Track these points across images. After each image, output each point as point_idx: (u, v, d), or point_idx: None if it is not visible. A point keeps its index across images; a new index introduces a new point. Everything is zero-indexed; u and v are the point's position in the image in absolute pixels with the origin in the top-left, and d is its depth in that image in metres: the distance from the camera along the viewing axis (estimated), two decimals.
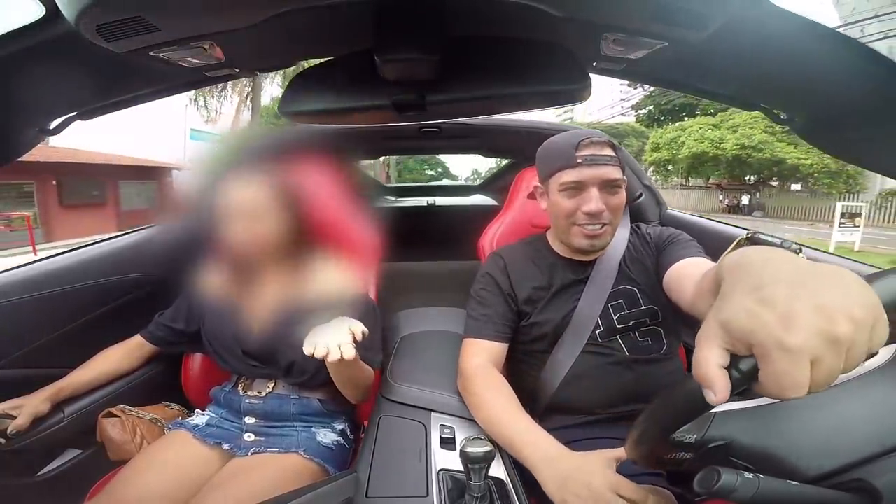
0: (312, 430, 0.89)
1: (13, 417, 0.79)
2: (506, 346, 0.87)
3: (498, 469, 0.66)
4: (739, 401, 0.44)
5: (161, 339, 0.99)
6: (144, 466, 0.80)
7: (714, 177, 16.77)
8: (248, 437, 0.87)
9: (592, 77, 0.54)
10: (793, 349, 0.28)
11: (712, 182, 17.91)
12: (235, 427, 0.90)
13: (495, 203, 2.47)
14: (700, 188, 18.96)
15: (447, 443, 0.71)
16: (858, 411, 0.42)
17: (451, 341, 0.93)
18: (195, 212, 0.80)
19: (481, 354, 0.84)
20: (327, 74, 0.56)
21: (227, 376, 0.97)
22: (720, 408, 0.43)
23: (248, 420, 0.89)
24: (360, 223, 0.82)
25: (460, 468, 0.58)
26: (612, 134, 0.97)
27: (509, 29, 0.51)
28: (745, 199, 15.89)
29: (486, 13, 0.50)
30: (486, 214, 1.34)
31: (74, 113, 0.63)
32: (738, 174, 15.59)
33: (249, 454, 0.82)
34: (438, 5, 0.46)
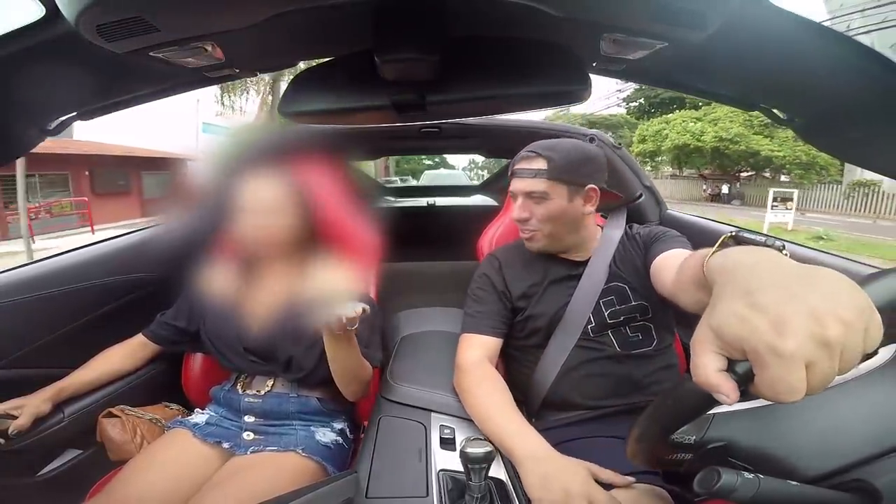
0: (311, 428, 0.90)
1: (14, 417, 0.79)
2: (500, 342, 0.90)
3: (498, 469, 0.66)
4: (738, 401, 0.44)
5: (164, 338, 0.99)
6: (144, 465, 0.80)
7: (700, 167, 17.61)
8: (248, 435, 0.87)
9: (592, 76, 0.54)
10: (786, 355, 0.28)
11: (698, 172, 18.74)
12: (235, 426, 0.90)
13: (495, 203, 2.47)
14: (688, 178, 19.57)
15: (447, 443, 0.71)
16: (858, 412, 0.42)
17: (451, 341, 0.93)
18: (204, 204, 0.81)
19: (477, 349, 0.86)
20: (327, 74, 0.56)
21: (226, 376, 0.97)
22: (719, 409, 0.43)
23: (248, 419, 0.89)
24: (362, 223, 0.82)
25: (460, 468, 0.58)
26: (606, 125, 1.00)
27: (509, 29, 0.51)
28: (724, 188, 16.72)
29: (486, 13, 0.50)
30: (486, 215, 1.34)
31: (74, 113, 0.63)
32: (720, 165, 16.44)
33: (249, 453, 0.83)
34: (438, 5, 0.46)
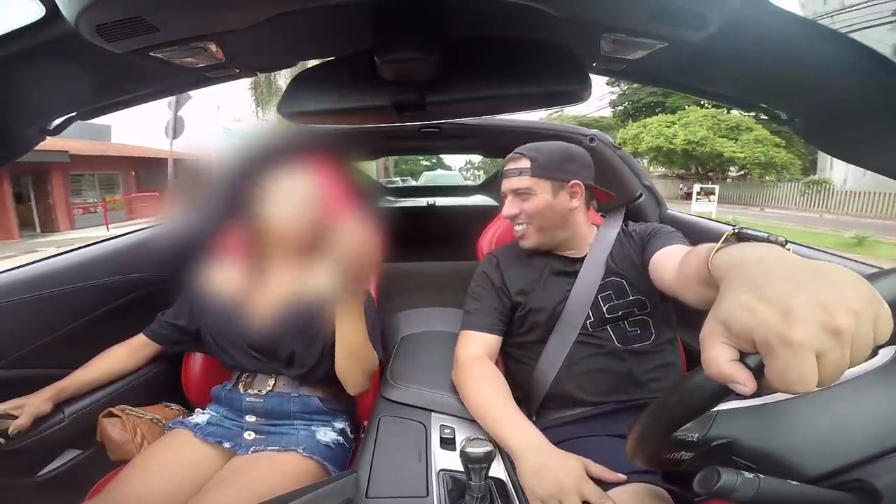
0: (312, 428, 0.89)
1: (14, 417, 0.79)
2: (499, 339, 0.91)
3: (498, 469, 0.66)
4: (740, 399, 0.44)
5: (165, 338, 0.99)
6: (145, 465, 0.80)
7: (675, 168, 19.16)
8: (249, 435, 0.87)
9: (592, 76, 0.54)
10: (795, 343, 0.28)
11: (674, 173, 20.30)
12: (236, 425, 0.90)
13: (495, 203, 2.47)
14: (668, 177, 20.81)
15: (447, 443, 0.71)
16: (858, 412, 0.42)
17: (451, 342, 0.93)
18: (207, 202, 0.81)
19: (475, 345, 0.88)
20: (327, 74, 0.56)
21: (227, 376, 0.97)
22: (721, 406, 0.43)
23: (249, 418, 0.89)
24: (363, 222, 0.83)
25: (460, 468, 0.58)
26: (597, 127, 1.01)
27: (509, 29, 0.51)
28: (697, 186, 18.22)
29: (486, 13, 0.50)
30: (487, 215, 1.34)
31: (74, 113, 0.63)
32: (684, 165, 18.10)
33: (250, 452, 0.83)
34: (438, 5, 0.46)
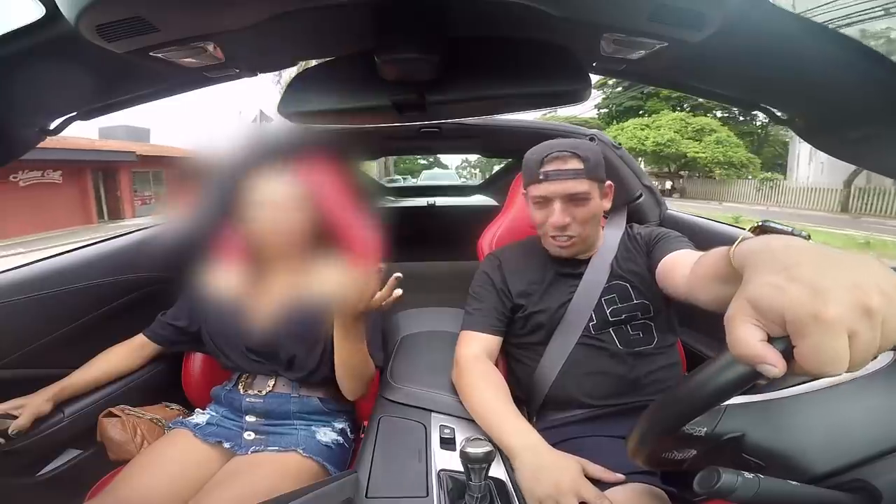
0: (312, 428, 0.89)
1: (14, 417, 0.79)
2: (499, 340, 0.91)
3: (498, 469, 0.66)
4: (745, 394, 0.44)
5: (164, 339, 0.99)
6: (145, 465, 0.80)
7: (651, 166, 20.25)
8: (249, 435, 0.87)
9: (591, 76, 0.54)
10: (828, 321, 0.27)
11: (650, 171, 21.76)
12: (236, 426, 0.90)
13: (496, 203, 2.47)
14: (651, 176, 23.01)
15: (447, 443, 0.71)
16: (859, 412, 0.42)
17: (452, 342, 0.93)
18: (207, 202, 0.80)
19: (475, 346, 0.87)
20: (327, 75, 0.56)
21: (227, 376, 0.97)
22: (730, 401, 0.42)
23: (249, 418, 0.89)
24: (363, 222, 0.82)
25: (460, 468, 0.58)
26: (587, 128, 1.00)
27: (509, 29, 0.51)
28: (668, 184, 20.22)
29: (486, 13, 0.50)
30: (487, 215, 1.34)
31: (74, 113, 0.63)
32: (657, 164, 19.73)
33: (249, 452, 0.83)
34: (438, 5, 0.46)
